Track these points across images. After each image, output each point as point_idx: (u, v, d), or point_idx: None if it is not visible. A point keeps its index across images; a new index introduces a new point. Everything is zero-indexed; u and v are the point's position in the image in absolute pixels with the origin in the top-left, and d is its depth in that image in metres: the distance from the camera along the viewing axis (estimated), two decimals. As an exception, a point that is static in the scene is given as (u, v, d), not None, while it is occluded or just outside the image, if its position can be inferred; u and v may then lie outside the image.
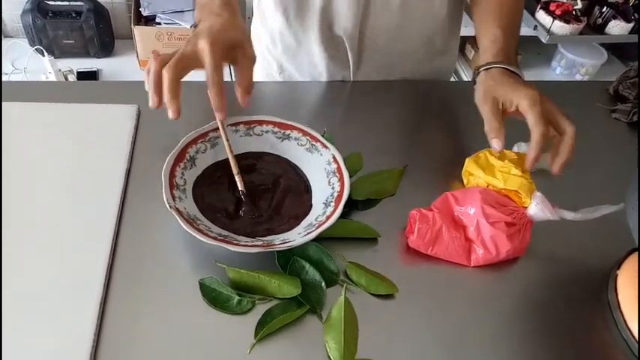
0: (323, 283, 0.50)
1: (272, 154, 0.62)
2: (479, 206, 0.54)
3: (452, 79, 0.95)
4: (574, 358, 0.49)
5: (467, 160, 0.64)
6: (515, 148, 0.66)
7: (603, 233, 0.60)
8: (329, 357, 0.46)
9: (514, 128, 0.58)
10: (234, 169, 0.57)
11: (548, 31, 1.70)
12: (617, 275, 0.54)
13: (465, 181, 0.64)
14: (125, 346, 0.45)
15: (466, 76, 2.01)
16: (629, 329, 0.50)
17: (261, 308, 0.48)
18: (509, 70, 0.62)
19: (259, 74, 0.87)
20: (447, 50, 0.85)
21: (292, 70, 0.83)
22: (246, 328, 0.47)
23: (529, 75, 2.00)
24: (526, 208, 0.55)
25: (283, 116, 0.63)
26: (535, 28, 1.74)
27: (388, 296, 0.51)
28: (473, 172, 0.63)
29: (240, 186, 0.57)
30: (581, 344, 0.50)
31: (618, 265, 0.55)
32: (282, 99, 0.78)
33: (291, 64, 0.82)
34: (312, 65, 0.80)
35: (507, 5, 0.70)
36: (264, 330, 0.46)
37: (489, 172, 0.61)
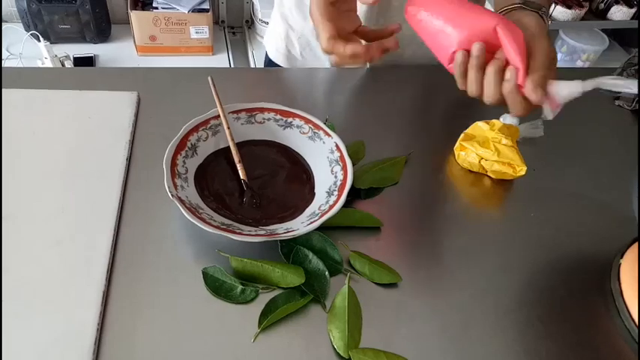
0: (326, 273, 0.50)
1: (274, 142, 0.62)
2: None
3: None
4: (577, 346, 0.49)
5: (461, 135, 0.66)
6: (501, 119, 0.67)
7: (607, 222, 0.61)
8: (333, 346, 0.46)
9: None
10: (236, 158, 0.57)
11: (550, 16, 1.68)
12: (620, 264, 0.54)
13: (456, 156, 0.65)
14: (128, 336, 0.45)
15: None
16: (632, 318, 0.50)
17: (264, 297, 0.48)
18: (536, 13, 0.51)
19: (280, 54, 0.86)
20: None
21: (317, 50, 0.82)
22: (250, 318, 0.47)
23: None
24: None
25: (286, 103, 0.62)
26: (537, 13, 1.73)
27: (392, 285, 0.51)
28: (466, 146, 0.63)
29: (241, 175, 0.56)
30: (583, 333, 0.50)
31: (621, 254, 0.55)
32: (284, 86, 0.77)
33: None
34: None
35: None
36: (268, 319, 0.46)
37: (483, 144, 0.63)
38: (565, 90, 0.45)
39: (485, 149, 0.62)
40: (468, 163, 0.64)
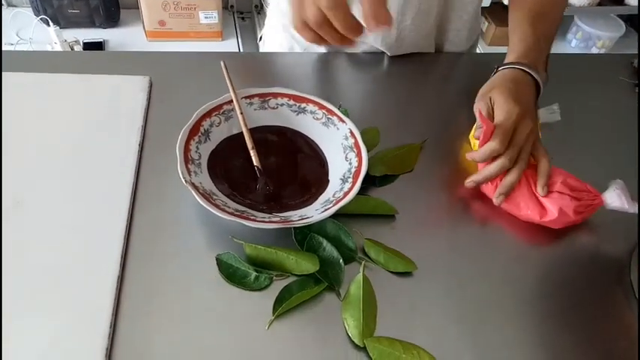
0: (341, 260, 0.50)
1: (287, 128, 0.61)
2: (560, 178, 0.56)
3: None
4: (595, 338, 0.48)
5: (475, 124, 0.64)
6: None
7: (626, 213, 0.59)
8: (347, 334, 0.45)
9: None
10: (249, 144, 0.56)
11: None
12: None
13: (471, 143, 0.63)
14: (143, 321, 0.45)
15: (480, 49, 1.96)
16: (652, 309, 0.49)
17: (278, 284, 0.48)
18: (526, 72, 0.61)
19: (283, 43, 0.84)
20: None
21: None
22: (264, 305, 0.46)
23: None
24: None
25: (299, 89, 0.61)
26: (552, -2, 1.68)
27: (406, 274, 0.51)
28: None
29: (255, 161, 0.55)
30: (602, 325, 0.49)
31: (641, 245, 0.54)
32: (297, 71, 0.76)
33: None
34: None
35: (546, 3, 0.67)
36: (283, 306, 0.46)
37: None
38: (617, 202, 0.54)
39: None
40: None
